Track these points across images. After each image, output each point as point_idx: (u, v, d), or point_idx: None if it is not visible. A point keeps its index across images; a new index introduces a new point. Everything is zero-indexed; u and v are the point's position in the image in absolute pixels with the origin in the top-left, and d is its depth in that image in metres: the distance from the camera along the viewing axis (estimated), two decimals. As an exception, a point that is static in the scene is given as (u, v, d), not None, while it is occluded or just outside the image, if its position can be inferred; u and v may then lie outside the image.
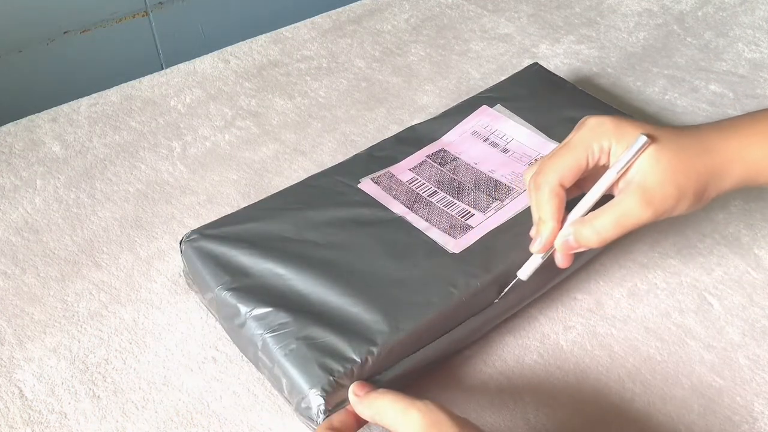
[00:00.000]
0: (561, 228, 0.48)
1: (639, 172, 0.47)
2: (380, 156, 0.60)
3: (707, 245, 0.60)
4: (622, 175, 0.47)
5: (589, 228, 0.47)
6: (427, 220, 0.54)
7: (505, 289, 0.51)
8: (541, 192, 0.48)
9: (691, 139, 0.48)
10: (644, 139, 0.46)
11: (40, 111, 0.73)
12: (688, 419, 0.49)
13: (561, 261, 0.50)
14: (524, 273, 0.50)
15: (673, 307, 0.56)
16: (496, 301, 0.51)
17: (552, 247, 0.49)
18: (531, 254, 0.50)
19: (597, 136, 0.48)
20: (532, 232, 0.50)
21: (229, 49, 0.81)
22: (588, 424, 0.49)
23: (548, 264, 0.50)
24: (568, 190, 0.48)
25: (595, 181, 0.48)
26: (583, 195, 0.49)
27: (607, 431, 0.49)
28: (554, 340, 0.54)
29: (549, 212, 0.48)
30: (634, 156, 0.47)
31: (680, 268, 0.59)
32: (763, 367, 0.52)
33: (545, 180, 0.48)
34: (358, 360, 0.45)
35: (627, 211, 0.46)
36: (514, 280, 0.51)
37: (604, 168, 0.48)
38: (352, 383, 0.45)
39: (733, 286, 0.57)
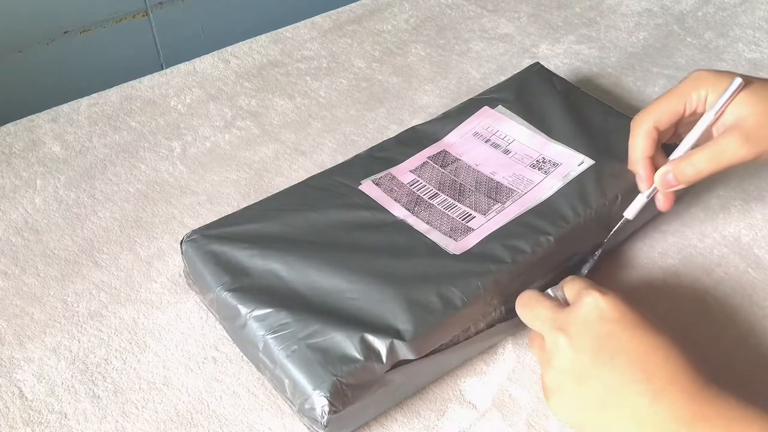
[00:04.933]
0: (655, 168, 0.52)
1: (735, 115, 0.49)
2: (381, 157, 0.60)
3: (707, 245, 0.60)
4: (718, 118, 0.50)
5: (686, 162, 0.51)
6: (428, 223, 0.54)
7: (613, 230, 0.54)
8: (634, 133, 0.53)
9: None
10: (739, 80, 0.49)
11: (40, 111, 0.73)
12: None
13: (662, 202, 0.54)
14: (630, 212, 0.54)
15: (673, 308, 0.56)
16: (605, 241, 0.55)
17: (652, 183, 0.52)
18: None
19: (695, 85, 0.51)
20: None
21: (229, 49, 0.81)
22: None
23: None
24: (670, 139, 0.54)
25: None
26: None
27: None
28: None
29: (639, 150, 0.53)
30: (729, 97, 0.50)
31: (680, 268, 0.59)
32: (763, 369, 0.52)
33: (640, 122, 0.53)
34: (362, 359, 0.45)
35: (724, 147, 0.49)
36: (622, 221, 0.54)
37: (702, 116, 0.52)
38: (356, 384, 0.45)
39: (733, 286, 0.57)
